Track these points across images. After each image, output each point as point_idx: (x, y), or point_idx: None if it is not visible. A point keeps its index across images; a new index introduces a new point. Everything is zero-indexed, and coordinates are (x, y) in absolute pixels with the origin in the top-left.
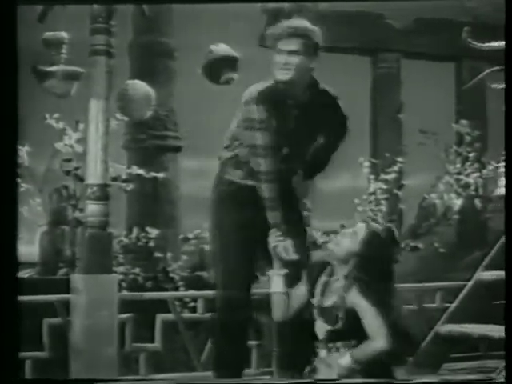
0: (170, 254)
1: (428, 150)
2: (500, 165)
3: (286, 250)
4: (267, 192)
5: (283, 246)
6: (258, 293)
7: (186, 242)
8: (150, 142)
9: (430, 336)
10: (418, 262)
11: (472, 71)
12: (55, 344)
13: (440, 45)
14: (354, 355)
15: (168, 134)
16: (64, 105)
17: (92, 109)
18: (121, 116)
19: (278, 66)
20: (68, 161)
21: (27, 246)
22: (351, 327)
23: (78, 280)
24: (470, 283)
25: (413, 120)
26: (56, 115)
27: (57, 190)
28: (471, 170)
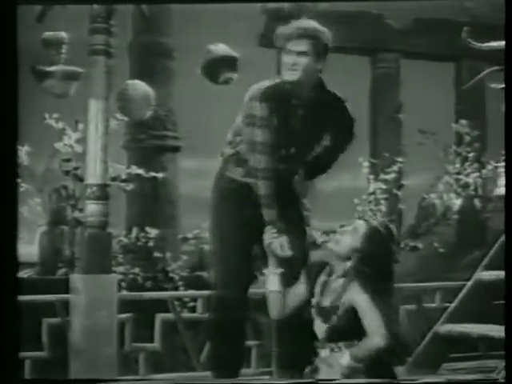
0: (169, 253)
1: (427, 150)
2: (499, 165)
3: (282, 247)
4: (263, 189)
5: (279, 243)
6: (258, 292)
7: (186, 241)
8: (150, 141)
9: (430, 336)
10: (418, 261)
11: (471, 71)
12: (55, 344)
13: (439, 45)
14: (353, 353)
15: (167, 133)
16: (63, 105)
17: (91, 109)
18: (120, 116)
19: (286, 66)
20: (67, 161)
21: (27, 246)
22: (351, 327)
23: (77, 280)
24: (470, 283)
25: (412, 120)
26: (55, 115)
27: (56, 189)
28: (470, 169)
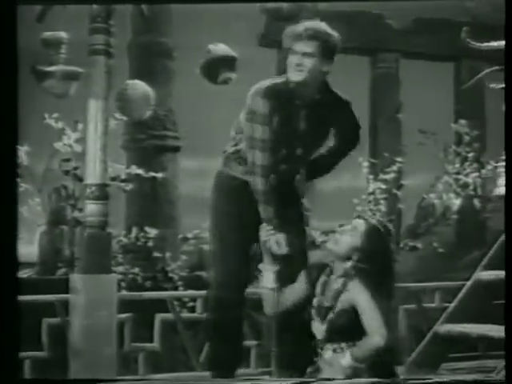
0: (169, 253)
1: (427, 150)
2: (499, 164)
3: (278, 244)
4: (261, 186)
5: (275, 240)
6: (257, 292)
7: (185, 241)
8: (149, 141)
9: (429, 336)
10: (417, 261)
11: (471, 71)
12: (54, 344)
13: (439, 45)
14: (354, 354)
15: (167, 133)
16: (63, 105)
17: (91, 109)
18: (120, 116)
19: (292, 66)
20: (67, 161)
21: (26, 246)
22: (351, 326)
23: (77, 280)
24: (469, 283)
25: (412, 120)
26: (55, 115)
27: (56, 189)
28: (470, 169)
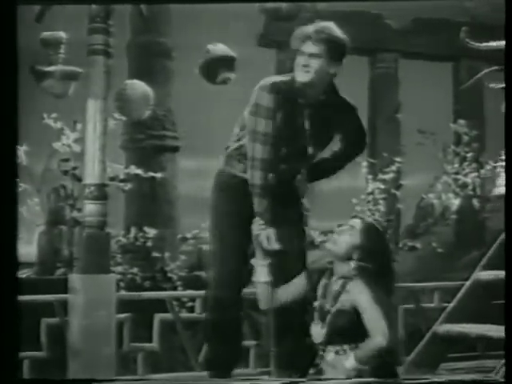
0: (168, 253)
1: (426, 150)
2: (498, 164)
3: (269, 239)
4: (257, 179)
5: (265, 235)
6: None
7: (184, 241)
8: (148, 141)
9: (428, 336)
10: (416, 261)
11: (470, 71)
12: (53, 344)
13: (438, 45)
14: (357, 355)
15: (166, 133)
16: (62, 105)
17: (90, 109)
18: (119, 116)
19: (299, 66)
20: (66, 160)
21: (25, 246)
22: (353, 328)
23: (75, 280)
24: (468, 283)
25: (411, 120)
26: (54, 115)
27: (55, 189)
28: (469, 169)
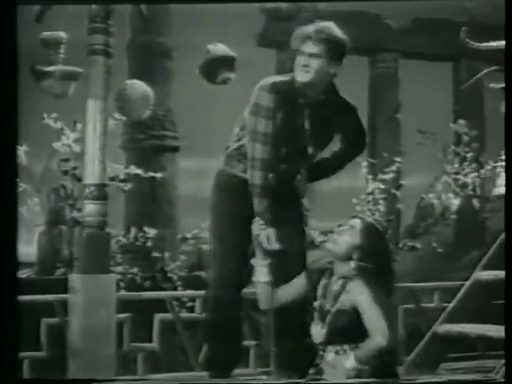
0: (168, 253)
1: (426, 150)
2: (498, 164)
3: (269, 239)
4: (257, 179)
5: (265, 235)
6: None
7: (184, 241)
8: (148, 141)
9: (428, 336)
10: (416, 261)
11: (470, 71)
12: (53, 344)
13: (438, 45)
14: (357, 355)
15: (166, 133)
16: (62, 105)
17: (90, 109)
18: (119, 116)
19: (299, 66)
20: (66, 160)
21: (25, 246)
22: (353, 328)
23: (75, 280)
24: (468, 283)
25: (411, 120)
26: (54, 115)
27: (55, 189)
28: (469, 169)
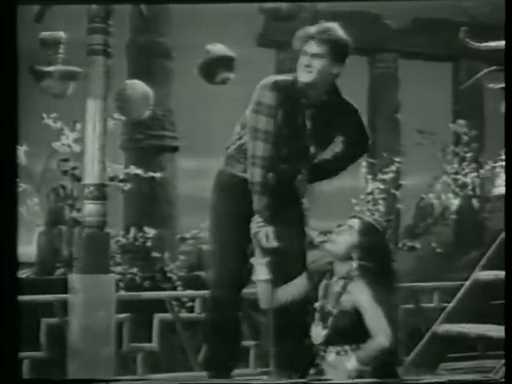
0: (167, 253)
1: (425, 150)
2: (497, 164)
3: (267, 237)
4: (258, 177)
5: (264, 233)
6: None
7: (184, 241)
8: (148, 141)
9: (428, 336)
10: (416, 261)
11: (469, 71)
12: (53, 344)
13: (437, 45)
14: (359, 356)
15: (165, 133)
16: (61, 105)
17: (89, 109)
18: (118, 116)
19: (301, 67)
20: (65, 161)
21: (25, 246)
22: (354, 329)
23: (75, 280)
24: (468, 283)
25: (410, 120)
26: (53, 115)
27: (54, 189)
28: (469, 169)
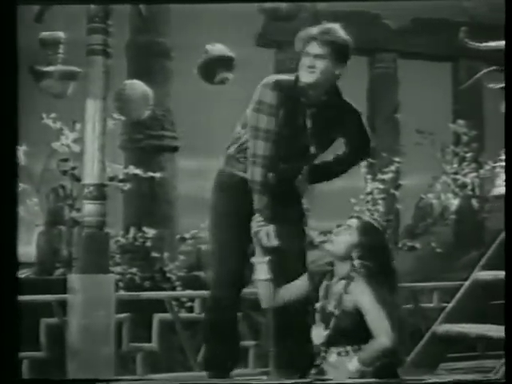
0: (167, 253)
1: (425, 150)
2: (497, 165)
3: (268, 236)
4: (258, 175)
5: (265, 232)
6: (255, 292)
7: (183, 241)
8: (147, 141)
9: (428, 336)
10: (415, 261)
11: (469, 71)
12: (52, 344)
13: (437, 45)
14: (361, 357)
15: (165, 133)
16: (61, 105)
17: (89, 109)
18: (118, 116)
19: (304, 67)
20: (65, 161)
21: (24, 246)
22: (356, 329)
23: (74, 280)
24: (467, 283)
25: (410, 120)
26: (53, 115)
27: (54, 189)
28: (468, 169)
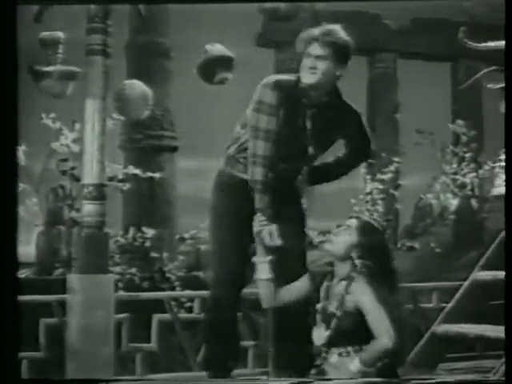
0: (166, 254)
1: (424, 150)
2: (496, 165)
3: (271, 235)
4: (259, 175)
5: (268, 231)
6: (254, 292)
7: (183, 242)
8: (147, 141)
9: (427, 336)
10: (415, 262)
11: (468, 71)
12: (51, 344)
13: (436, 45)
14: (362, 358)
15: (164, 133)
16: (60, 105)
17: (88, 109)
18: (117, 116)
19: (305, 68)
20: (64, 161)
21: (24, 246)
22: (357, 330)
23: (74, 280)
24: (467, 283)
25: (409, 120)
26: (52, 115)
27: (53, 189)
28: (467, 170)
